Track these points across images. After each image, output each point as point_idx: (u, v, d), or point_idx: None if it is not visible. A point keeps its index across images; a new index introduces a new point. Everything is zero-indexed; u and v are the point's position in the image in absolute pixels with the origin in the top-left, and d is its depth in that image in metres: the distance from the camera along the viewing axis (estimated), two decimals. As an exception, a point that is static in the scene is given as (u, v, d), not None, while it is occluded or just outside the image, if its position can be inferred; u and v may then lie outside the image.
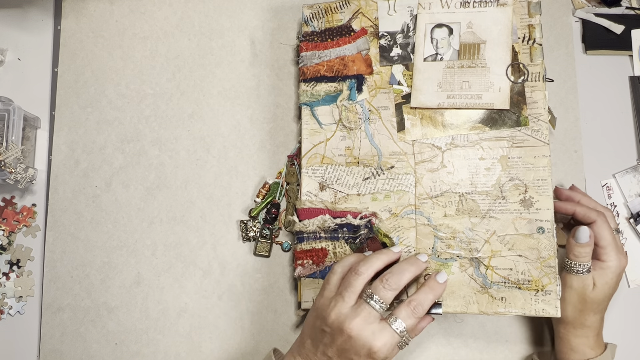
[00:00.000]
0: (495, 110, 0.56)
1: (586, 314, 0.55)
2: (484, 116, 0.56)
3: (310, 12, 0.62)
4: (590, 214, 0.55)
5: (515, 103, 0.55)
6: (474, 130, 0.56)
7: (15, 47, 0.73)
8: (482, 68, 0.56)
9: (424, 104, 0.57)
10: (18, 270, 0.67)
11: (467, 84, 0.56)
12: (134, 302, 0.66)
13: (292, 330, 0.65)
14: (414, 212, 0.56)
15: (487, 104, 0.55)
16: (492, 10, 0.56)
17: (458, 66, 0.56)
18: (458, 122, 0.56)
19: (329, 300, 0.51)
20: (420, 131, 0.57)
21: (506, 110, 0.55)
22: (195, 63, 0.70)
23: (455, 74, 0.56)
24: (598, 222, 0.55)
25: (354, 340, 0.48)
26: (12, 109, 0.64)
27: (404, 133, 0.57)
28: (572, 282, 0.54)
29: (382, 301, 0.49)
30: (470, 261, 0.54)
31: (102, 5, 0.72)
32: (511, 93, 0.55)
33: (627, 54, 0.69)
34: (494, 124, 0.55)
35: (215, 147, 0.68)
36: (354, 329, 0.48)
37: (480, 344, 0.63)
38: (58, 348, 0.66)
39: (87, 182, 0.69)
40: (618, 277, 0.55)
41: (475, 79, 0.56)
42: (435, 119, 0.56)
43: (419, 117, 0.57)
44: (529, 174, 0.54)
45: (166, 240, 0.67)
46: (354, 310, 0.49)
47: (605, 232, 0.55)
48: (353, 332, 0.48)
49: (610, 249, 0.54)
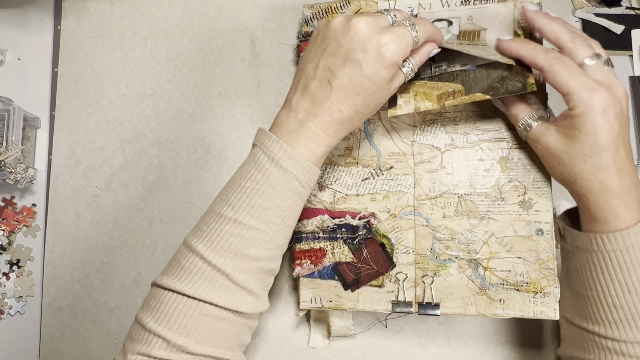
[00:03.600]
0: (497, 80, 0.51)
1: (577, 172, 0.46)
2: (485, 85, 0.52)
3: (311, 12, 0.62)
4: (536, 57, 0.46)
5: (519, 72, 0.51)
6: (476, 99, 0.52)
7: (15, 47, 0.73)
8: (483, 45, 0.53)
9: (419, 75, 0.54)
10: (18, 270, 0.68)
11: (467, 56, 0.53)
12: (134, 302, 0.66)
13: (292, 330, 0.65)
14: (413, 213, 0.56)
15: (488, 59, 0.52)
16: (493, 6, 0.55)
17: (457, 43, 0.54)
18: None
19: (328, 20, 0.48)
20: (413, 106, 0.53)
21: (510, 77, 0.51)
22: (195, 63, 0.70)
23: (453, 48, 0.53)
24: (545, 67, 0.46)
25: (362, 36, 0.44)
26: (12, 109, 0.64)
27: (395, 109, 0.54)
28: (530, 142, 0.50)
29: (395, 16, 0.46)
30: (468, 262, 0.54)
31: (102, 5, 0.72)
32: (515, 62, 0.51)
33: (627, 54, 0.69)
34: (496, 92, 0.51)
35: (215, 147, 0.68)
36: (362, 24, 0.44)
37: (480, 345, 0.63)
38: (58, 348, 0.66)
39: (87, 182, 0.69)
40: (599, 119, 0.44)
41: (475, 52, 0.52)
42: (431, 95, 0.53)
43: (412, 94, 0.54)
44: (529, 175, 0.54)
45: (166, 240, 0.67)
46: (359, 14, 0.46)
47: (559, 76, 0.45)
48: (361, 27, 0.44)
49: (575, 92, 0.44)
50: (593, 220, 0.47)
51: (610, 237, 0.46)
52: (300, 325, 0.65)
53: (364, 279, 0.56)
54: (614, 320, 0.47)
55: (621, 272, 0.46)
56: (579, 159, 0.46)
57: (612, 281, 0.46)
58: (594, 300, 0.48)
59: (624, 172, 0.46)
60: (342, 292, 0.56)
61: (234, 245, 0.45)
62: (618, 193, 0.45)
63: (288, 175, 0.45)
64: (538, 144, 0.49)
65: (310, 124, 0.46)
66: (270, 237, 0.46)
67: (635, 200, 0.46)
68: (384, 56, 0.44)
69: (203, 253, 0.44)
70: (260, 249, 0.46)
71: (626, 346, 0.47)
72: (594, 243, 0.47)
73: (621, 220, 0.46)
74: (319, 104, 0.46)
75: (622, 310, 0.46)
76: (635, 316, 0.46)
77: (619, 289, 0.46)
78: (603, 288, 0.47)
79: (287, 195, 0.46)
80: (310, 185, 0.48)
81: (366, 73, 0.44)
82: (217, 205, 0.47)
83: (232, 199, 0.46)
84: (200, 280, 0.44)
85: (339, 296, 0.56)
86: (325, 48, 0.46)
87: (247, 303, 0.46)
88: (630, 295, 0.46)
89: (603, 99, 0.44)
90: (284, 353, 0.64)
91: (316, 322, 0.64)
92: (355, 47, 0.44)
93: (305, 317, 0.65)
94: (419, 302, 0.54)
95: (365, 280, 0.56)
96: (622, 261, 0.46)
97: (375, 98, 0.46)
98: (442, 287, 0.54)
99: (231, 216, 0.45)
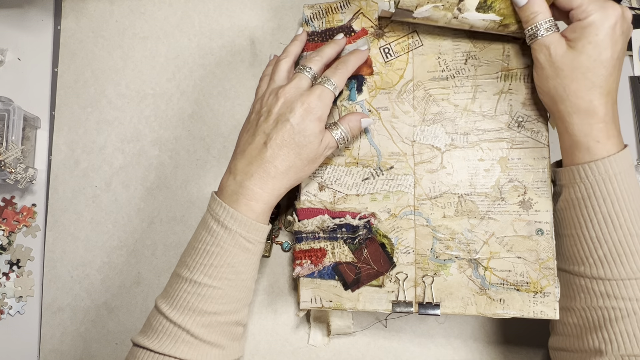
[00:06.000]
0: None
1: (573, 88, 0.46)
2: None
3: (311, 12, 0.62)
4: None
5: None
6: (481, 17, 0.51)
7: (15, 47, 0.73)
8: None
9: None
10: (18, 270, 0.68)
11: None
12: (134, 302, 0.66)
13: (292, 330, 0.65)
14: (413, 213, 0.56)
15: None
16: None
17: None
18: None
19: (262, 90, 0.55)
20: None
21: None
22: (195, 63, 0.70)
23: None
24: None
25: (289, 100, 0.50)
26: (12, 109, 0.64)
27: None
28: (534, 49, 0.49)
29: (311, 69, 0.53)
30: (468, 262, 0.54)
31: (102, 5, 0.72)
32: None
33: (627, 54, 0.69)
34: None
35: (215, 147, 0.68)
36: (288, 91, 0.51)
37: (480, 345, 0.63)
38: (58, 348, 0.66)
39: (87, 182, 0.69)
40: (609, 32, 0.45)
41: None
42: None
43: None
44: (529, 175, 0.54)
45: (166, 240, 0.67)
46: (287, 82, 0.53)
47: None
48: (287, 94, 0.51)
49: (589, 2, 0.45)
50: (575, 147, 0.48)
51: (592, 165, 0.46)
52: (300, 325, 0.65)
53: (364, 279, 0.56)
54: (598, 257, 0.47)
55: (604, 203, 0.46)
56: (581, 72, 0.46)
57: (595, 214, 0.47)
58: (578, 238, 0.48)
59: (611, 97, 0.47)
60: (342, 292, 0.56)
61: (191, 303, 0.49)
62: (602, 117, 0.46)
63: (233, 234, 0.49)
64: (544, 52, 0.48)
65: (248, 182, 0.50)
66: (226, 292, 0.50)
67: (616, 129, 0.47)
68: (310, 111, 0.50)
69: (166, 312, 0.49)
70: (217, 304, 0.49)
71: (611, 285, 0.47)
72: (576, 174, 0.47)
73: (602, 146, 0.46)
74: (255, 163, 0.50)
75: (607, 245, 0.47)
76: (620, 251, 0.46)
77: (602, 223, 0.46)
78: (587, 223, 0.47)
79: (235, 253, 0.50)
80: (258, 240, 0.51)
81: (297, 129, 0.50)
82: (178, 267, 0.51)
83: (188, 261, 0.50)
84: (165, 337, 0.48)
85: (339, 296, 0.56)
86: (259, 119, 0.52)
87: (211, 355, 0.49)
88: (615, 230, 0.46)
89: (615, 13, 0.45)
90: (284, 353, 0.64)
91: (316, 321, 0.64)
92: (284, 111, 0.50)
93: (305, 316, 0.65)
94: (419, 302, 0.54)
95: (366, 280, 0.56)
96: (605, 191, 0.46)
97: (306, 152, 0.51)
98: (442, 287, 0.54)
99: (187, 276, 0.49)
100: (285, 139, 0.50)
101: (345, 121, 0.54)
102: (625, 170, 0.46)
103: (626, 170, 0.46)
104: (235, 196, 0.50)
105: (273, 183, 0.50)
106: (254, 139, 0.51)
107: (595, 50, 0.45)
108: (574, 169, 0.48)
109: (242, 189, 0.50)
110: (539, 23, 0.48)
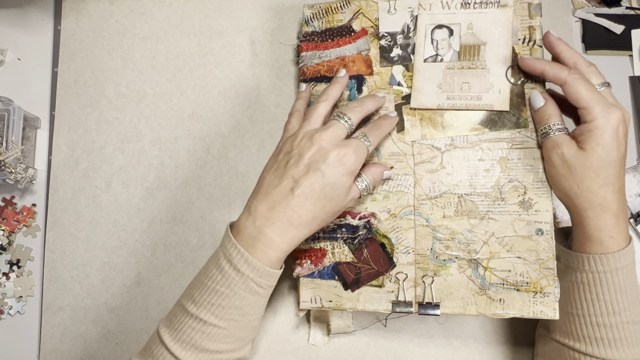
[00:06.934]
0: (495, 112, 0.55)
1: (586, 184, 0.49)
2: (484, 117, 0.56)
3: (311, 12, 0.62)
4: (560, 73, 0.50)
5: (515, 105, 0.55)
6: (474, 131, 0.56)
7: (15, 47, 0.73)
8: (482, 69, 0.56)
9: (424, 105, 0.57)
10: (18, 270, 0.68)
11: (467, 85, 0.56)
12: (134, 302, 0.66)
13: (292, 330, 0.65)
14: (413, 213, 0.56)
15: (487, 105, 0.55)
16: (492, 12, 0.56)
17: (458, 67, 0.56)
18: (458, 123, 0.56)
19: (294, 129, 0.52)
20: (420, 132, 0.57)
21: (506, 112, 0.55)
22: (195, 63, 0.70)
23: (455, 75, 0.56)
24: (568, 81, 0.49)
25: (324, 149, 0.48)
26: (12, 109, 0.64)
27: (403, 134, 0.57)
28: (547, 148, 0.52)
29: (350, 119, 0.51)
30: (468, 262, 0.54)
31: (102, 5, 0.72)
32: (511, 95, 0.55)
33: (627, 54, 0.69)
34: (494, 126, 0.55)
35: (215, 147, 0.68)
36: (324, 138, 0.49)
37: (480, 345, 0.63)
38: (58, 348, 0.66)
39: (87, 182, 0.69)
40: (613, 135, 0.48)
41: (475, 80, 0.56)
42: (435, 120, 0.56)
43: (418, 118, 0.57)
44: (529, 175, 0.54)
45: (166, 240, 0.67)
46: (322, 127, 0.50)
47: (581, 89, 0.49)
48: (323, 141, 0.48)
49: (593, 105, 0.48)
50: (587, 239, 0.50)
51: (603, 258, 0.49)
52: (300, 325, 0.65)
53: (364, 279, 0.56)
54: (595, 338, 0.50)
55: (609, 292, 0.49)
56: (592, 171, 0.48)
57: (599, 301, 0.50)
58: (578, 317, 0.51)
59: (621, 192, 0.49)
60: (342, 292, 0.56)
61: (195, 340, 0.48)
62: (615, 212, 0.49)
63: (245, 278, 0.48)
64: (555, 152, 0.51)
65: (268, 229, 0.48)
66: (231, 332, 0.49)
67: (625, 223, 0.50)
68: (344, 164, 0.48)
69: (168, 344, 0.48)
70: (221, 343, 0.49)
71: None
72: (587, 263, 0.50)
73: (614, 241, 0.49)
74: (278, 209, 0.48)
75: (605, 329, 0.49)
76: (616, 335, 0.49)
77: (604, 309, 0.49)
78: (589, 307, 0.50)
79: (245, 296, 0.48)
80: (268, 285, 0.50)
81: (328, 181, 0.48)
82: (184, 298, 0.50)
83: (195, 295, 0.49)
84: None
85: (339, 296, 0.56)
86: (289, 161, 0.49)
87: None
88: (614, 315, 0.49)
89: (618, 117, 0.48)
90: (284, 352, 0.64)
91: (316, 321, 0.64)
92: (318, 159, 0.48)
93: (305, 316, 0.65)
94: (419, 302, 0.54)
95: (366, 280, 0.56)
96: (611, 282, 0.49)
97: (332, 205, 0.49)
98: (442, 287, 0.54)
99: (193, 312, 0.48)
100: (314, 189, 0.47)
101: (369, 173, 0.53)
102: (631, 264, 0.50)
103: (631, 264, 0.50)
104: (252, 241, 0.48)
105: (294, 233, 0.48)
106: (281, 183, 0.48)
107: (604, 152, 0.48)
108: (584, 257, 0.50)
109: (260, 235, 0.48)
110: (552, 124, 0.51)
